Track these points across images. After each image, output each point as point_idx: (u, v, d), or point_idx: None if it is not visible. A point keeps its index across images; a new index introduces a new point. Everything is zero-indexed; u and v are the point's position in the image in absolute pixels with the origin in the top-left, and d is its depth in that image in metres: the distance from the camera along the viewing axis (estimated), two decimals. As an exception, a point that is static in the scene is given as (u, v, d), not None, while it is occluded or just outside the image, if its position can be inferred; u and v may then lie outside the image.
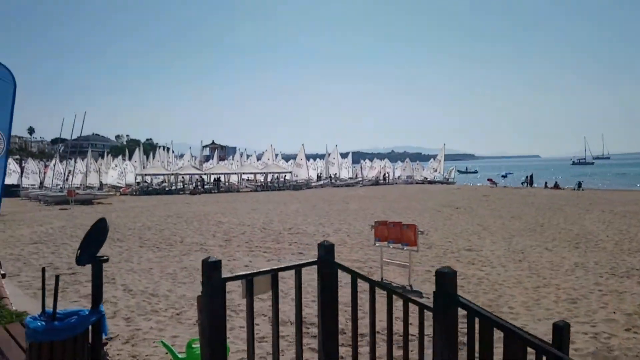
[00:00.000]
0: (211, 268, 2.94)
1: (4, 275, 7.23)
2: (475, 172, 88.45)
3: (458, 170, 65.70)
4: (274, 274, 3.37)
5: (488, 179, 53.28)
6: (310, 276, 4.35)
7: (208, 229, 17.59)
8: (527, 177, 54.29)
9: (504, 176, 53.30)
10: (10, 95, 7.14)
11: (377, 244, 9.43)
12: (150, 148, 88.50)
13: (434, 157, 64.43)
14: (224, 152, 79.34)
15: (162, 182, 49.58)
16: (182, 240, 14.68)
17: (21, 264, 11.03)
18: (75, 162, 44.27)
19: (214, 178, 49.45)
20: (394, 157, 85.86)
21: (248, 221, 19.97)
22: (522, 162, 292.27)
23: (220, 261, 3.00)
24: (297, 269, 3.50)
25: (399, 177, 62.91)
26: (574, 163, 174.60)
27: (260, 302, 6.57)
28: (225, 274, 3.01)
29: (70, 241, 14.61)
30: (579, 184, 41.39)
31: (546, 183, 44.89)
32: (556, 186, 42.52)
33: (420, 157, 62.07)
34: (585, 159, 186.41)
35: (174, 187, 47.29)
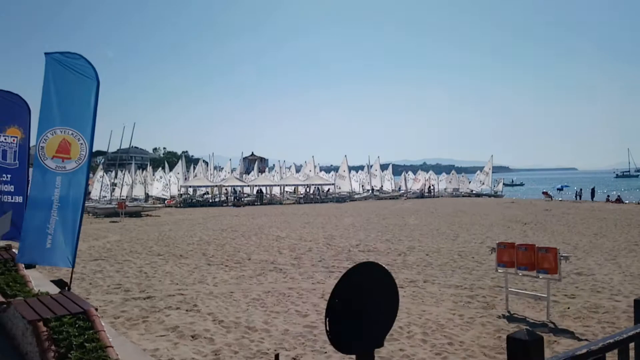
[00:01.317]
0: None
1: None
2: (522, 184, 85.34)
3: (504, 183, 63.12)
4: None
5: (543, 192, 50.73)
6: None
7: (270, 244, 16.54)
8: (578, 190, 51.51)
9: (560, 189, 50.55)
10: (92, 93, 6.23)
11: (499, 270, 8.05)
12: (187, 161, 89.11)
13: (480, 168, 62.13)
14: (264, 163, 78.90)
15: (205, 193, 49.29)
16: (249, 257, 13.64)
17: (87, 285, 10.17)
18: (116, 174, 44.48)
19: (257, 190, 48.77)
20: (426, 169, 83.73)
21: (308, 236, 18.84)
22: (560, 174, 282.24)
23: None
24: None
25: (444, 190, 60.86)
26: (617, 176, 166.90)
27: None
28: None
29: (131, 257, 13.80)
30: (646, 198, 38.70)
31: (608, 197, 42.22)
32: (618, 200, 39.86)
33: (454, 169, 60.26)
34: (629, 171, 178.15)
35: (217, 199, 46.86)
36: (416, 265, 12.03)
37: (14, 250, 8.87)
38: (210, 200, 46.62)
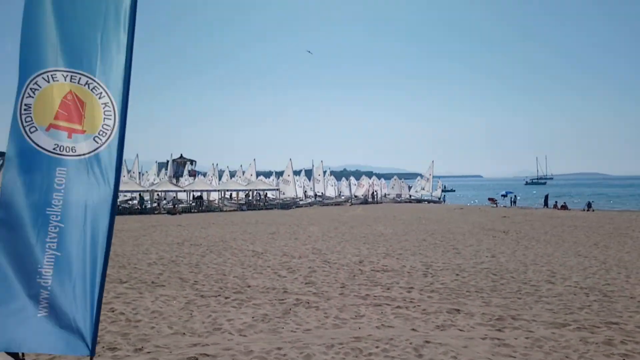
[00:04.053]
0: None
1: None
2: (453, 190, 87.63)
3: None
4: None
5: (489, 199, 51.52)
6: None
7: (255, 263, 13.53)
8: (513, 197, 52.81)
9: (504, 195, 51.57)
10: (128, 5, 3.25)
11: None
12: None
13: (398, 174, 62.54)
14: (194, 167, 73.76)
15: (129, 199, 44.18)
16: (246, 283, 10.60)
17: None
18: None
19: (194, 196, 44.54)
20: (347, 174, 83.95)
21: (291, 251, 15.99)
22: (467, 181, 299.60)
23: None
24: None
25: (384, 195, 59.99)
26: (527, 183, 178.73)
27: None
28: None
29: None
30: (589, 205, 39.86)
31: (556, 202, 43.24)
32: (564, 207, 40.89)
33: (373, 175, 60.45)
34: (538, 178, 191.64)
35: (148, 206, 42.06)
36: (475, 291, 9.72)
37: None
38: (138, 207, 41.75)
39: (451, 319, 7.55)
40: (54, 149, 2.98)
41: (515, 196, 52.99)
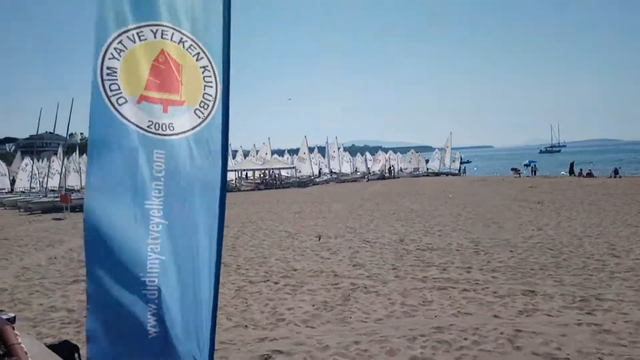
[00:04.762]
0: None
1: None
2: (469, 162, 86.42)
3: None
4: None
5: (512, 169, 50.47)
6: None
7: (291, 244, 13.01)
8: (533, 166, 51.55)
9: (527, 165, 50.51)
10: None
11: None
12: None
13: (407, 148, 61.41)
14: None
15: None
16: (292, 268, 10.06)
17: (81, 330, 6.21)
18: (34, 162, 38.35)
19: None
20: (354, 151, 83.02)
21: (324, 231, 15.41)
22: (478, 152, 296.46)
23: None
24: None
25: (400, 170, 59.12)
26: (541, 151, 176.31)
27: None
28: None
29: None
30: (616, 171, 38.82)
31: (581, 170, 42.19)
32: (589, 174, 39.88)
33: (380, 150, 59.43)
34: (551, 146, 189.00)
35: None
36: (540, 269, 9.07)
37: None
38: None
39: (531, 302, 6.93)
40: (148, 126, 2.34)
41: (535, 165, 51.82)
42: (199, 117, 2.46)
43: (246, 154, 59.28)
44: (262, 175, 48.85)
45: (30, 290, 8.67)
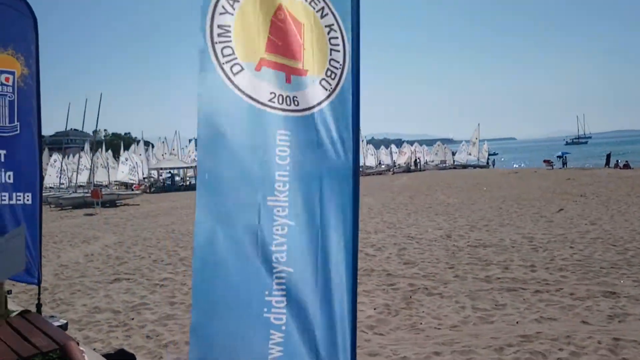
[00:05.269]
0: None
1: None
2: (496, 154, 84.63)
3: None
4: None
5: (544, 161, 49.08)
6: None
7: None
8: (564, 158, 49.96)
9: (560, 156, 49.05)
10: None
11: None
12: (131, 142, 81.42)
13: (427, 141, 60.19)
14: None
15: (170, 176, 43.75)
16: (381, 270, 9.51)
17: (131, 334, 5.79)
18: (62, 158, 38.63)
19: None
20: (377, 144, 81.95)
21: (363, 225, 14.82)
22: (501, 144, 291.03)
23: None
24: None
25: (426, 163, 58.07)
26: (567, 143, 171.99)
27: None
28: None
29: (169, 274, 9.33)
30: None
31: (617, 162, 40.69)
32: (626, 166, 38.36)
33: (415, 142, 58.25)
34: (578, 137, 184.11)
35: (190, 182, 41.80)
36: (610, 267, 8.36)
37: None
38: (183, 184, 41.48)
39: (617, 306, 6.27)
40: (270, 99, 1.81)
41: (565, 157, 50.26)
42: (326, 90, 1.91)
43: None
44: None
45: (71, 289, 8.33)
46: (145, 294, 7.80)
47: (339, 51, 1.95)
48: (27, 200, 4.42)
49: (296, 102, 1.85)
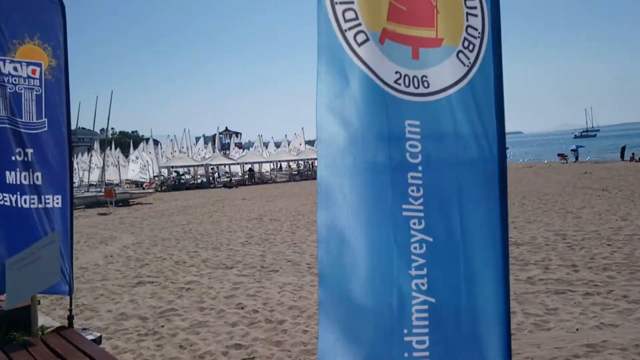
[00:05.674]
0: None
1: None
2: (507, 147, 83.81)
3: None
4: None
5: (559, 154, 48.35)
6: None
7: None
8: (578, 149, 49.14)
9: (574, 150, 48.30)
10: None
11: None
12: (139, 140, 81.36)
13: None
14: (239, 139, 72.93)
15: (182, 174, 43.53)
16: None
17: (163, 344, 5.45)
18: (76, 157, 38.49)
19: (249, 168, 43.55)
20: None
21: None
22: (507, 138, 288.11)
23: None
24: None
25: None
26: (576, 136, 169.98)
27: None
28: None
29: (186, 274, 9.00)
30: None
31: (633, 155, 39.94)
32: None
33: None
34: (586, 130, 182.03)
35: (201, 180, 41.65)
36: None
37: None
38: (194, 182, 41.33)
39: (681, 310, 5.84)
40: (396, 81, 1.44)
41: (578, 150, 49.46)
42: (464, 65, 1.53)
43: (277, 145, 58.58)
44: (297, 166, 48.11)
45: (94, 294, 8.02)
46: (172, 298, 7.47)
47: (476, 15, 1.55)
48: (57, 203, 4.07)
49: (426, 84, 1.47)
